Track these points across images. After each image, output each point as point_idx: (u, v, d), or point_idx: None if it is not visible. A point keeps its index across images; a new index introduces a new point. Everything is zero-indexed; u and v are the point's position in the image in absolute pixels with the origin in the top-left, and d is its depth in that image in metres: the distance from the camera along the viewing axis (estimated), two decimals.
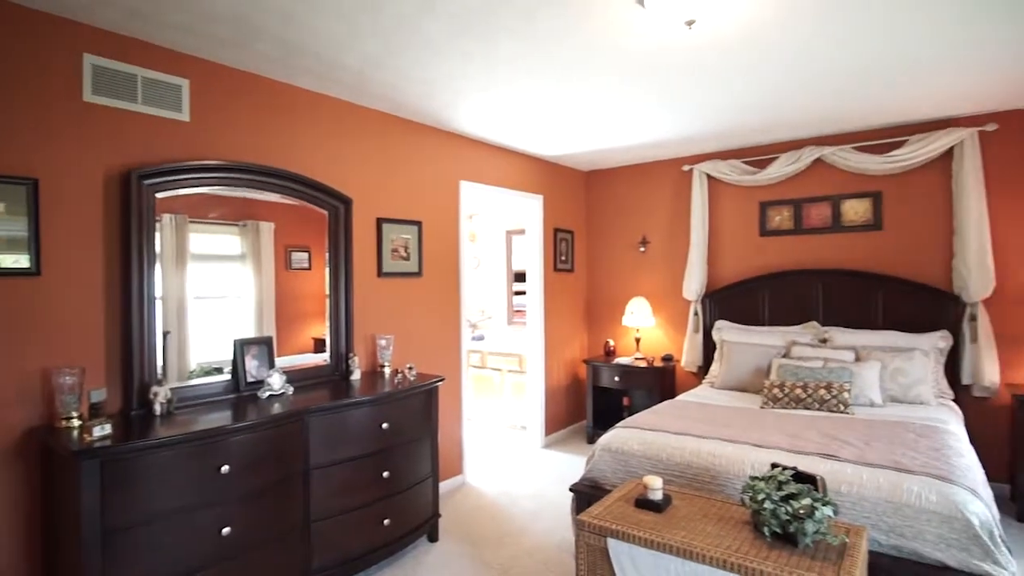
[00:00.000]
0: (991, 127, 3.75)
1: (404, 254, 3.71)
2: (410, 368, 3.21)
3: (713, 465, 2.65)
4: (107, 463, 1.91)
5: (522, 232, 6.05)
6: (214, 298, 2.78)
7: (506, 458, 4.77)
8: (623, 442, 2.96)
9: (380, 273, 3.56)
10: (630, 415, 5.21)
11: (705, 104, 3.57)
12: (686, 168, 4.95)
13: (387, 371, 3.37)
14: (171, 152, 2.58)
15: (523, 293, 5.87)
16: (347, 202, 3.25)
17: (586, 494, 2.95)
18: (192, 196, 2.65)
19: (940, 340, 3.79)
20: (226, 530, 2.19)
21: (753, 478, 2.15)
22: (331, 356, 3.20)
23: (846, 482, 2.34)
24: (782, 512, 1.95)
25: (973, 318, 3.79)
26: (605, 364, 4.98)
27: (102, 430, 1.99)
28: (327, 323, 3.22)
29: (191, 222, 2.68)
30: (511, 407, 5.61)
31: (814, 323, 4.28)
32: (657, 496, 2.31)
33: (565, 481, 4.13)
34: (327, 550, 2.61)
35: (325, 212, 3.19)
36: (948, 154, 3.90)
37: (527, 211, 5.10)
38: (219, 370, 2.76)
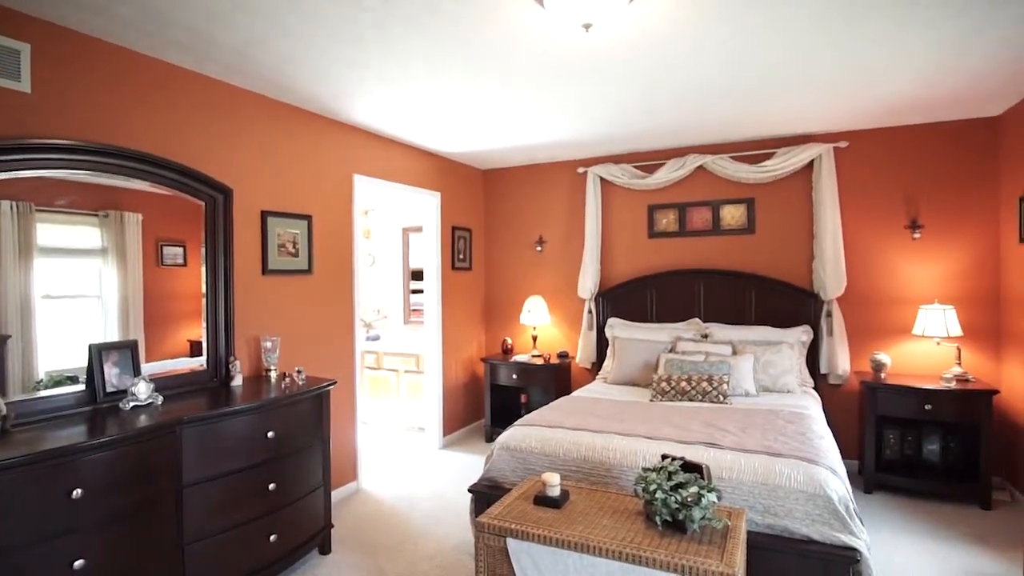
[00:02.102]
0: (843, 144, 4.21)
1: (292, 250, 3.48)
2: (299, 372, 3.01)
3: (608, 459, 2.73)
4: None
5: (419, 229, 5.93)
6: (69, 297, 2.45)
7: (403, 461, 4.65)
8: (521, 440, 2.98)
9: (265, 270, 3.31)
10: (528, 412, 5.29)
11: (600, 108, 3.68)
12: (581, 170, 5.10)
13: (273, 375, 3.14)
14: (6, 127, 2.21)
15: (420, 292, 5.74)
16: (226, 192, 2.98)
17: (485, 494, 2.93)
18: (37, 180, 2.30)
19: (803, 334, 4.19)
20: (79, 563, 1.91)
21: (645, 469, 2.23)
22: (209, 361, 2.93)
23: (727, 468, 2.50)
24: (672, 501, 2.04)
25: (829, 314, 4.23)
26: (503, 362, 5.00)
27: None
28: (204, 325, 2.93)
29: (38, 210, 2.33)
30: (408, 408, 5.48)
31: (696, 319, 4.57)
32: (555, 492, 2.34)
33: (464, 481, 4.09)
34: (205, 573, 2.37)
35: (201, 203, 2.91)
36: (810, 167, 4.32)
37: (424, 208, 5.00)
38: (74, 379, 2.42)
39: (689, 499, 2.03)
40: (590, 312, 5.01)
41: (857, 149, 4.21)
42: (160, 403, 2.48)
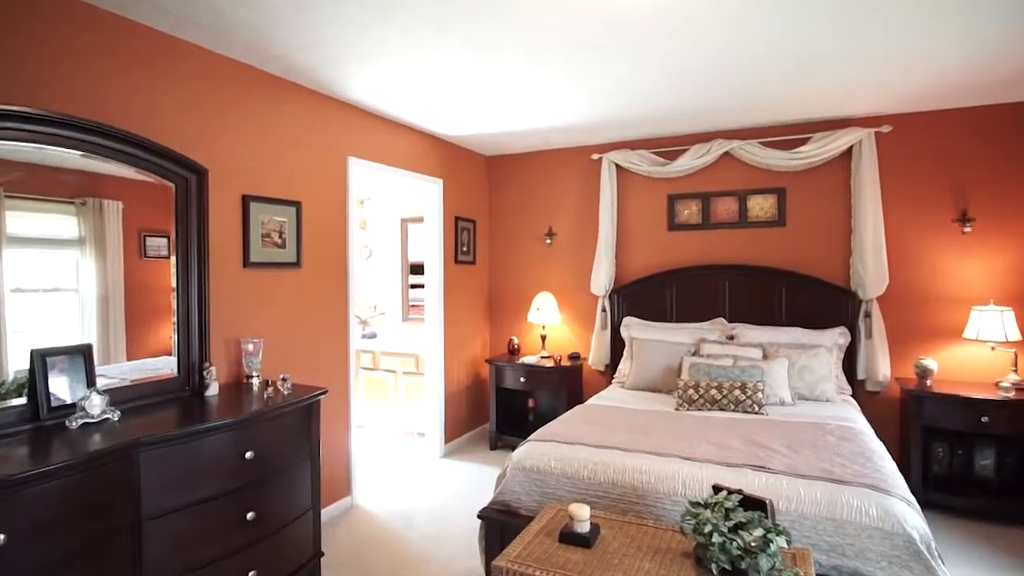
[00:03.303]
0: (886, 128, 3.83)
1: (279, 240, 3.09)
2: (283, 379, 2.63)
3: (641, 483, 2.37)
4: None
5: (419, 220, 5.54)
6: (43, 291, 2.17)
7: (402, 471, 4.28)
8: (538, 459, 2.61)
9: (247, 263, 2.92)
10: (536, 417, 4.93)
11: (617, 85, 3.30)
12: (595, 157, 4.71)
13: (255, 383, 2.76)
14: None
15: (420, 287, 5.37)
16: (200, 172, 2.59)
17: (497, 521, 2.56)
18: None
19: (840, 337, 3.83)
20: None
21: (695, 504, 1.87)
22: (180, 367, 2.54)
23: (784, 498, 2.14)
24: (733, 547, 1.68)
25: (868, 315, 3.87)
26: (509, 364, 4.63)
27: None
28: (175, 326, 2.55)
29: (7, 196, 2.04)
30: (407, 412, 5.10)
31: (721, 319, 4.20)
32: (584, 528, 1.98)
33: (468, 495, 3.74)
34: None
35: (171, 185, 2.52)
36: (848, 153, 3.95)
37: (425, 196, 4.61)
38: None
39: (754, 544, 1.67)
40: (604, 310, 4.64)
41: (901, 134, 3.83)
42: (117, 419, 2.10)
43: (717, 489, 1.93)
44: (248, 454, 2.26)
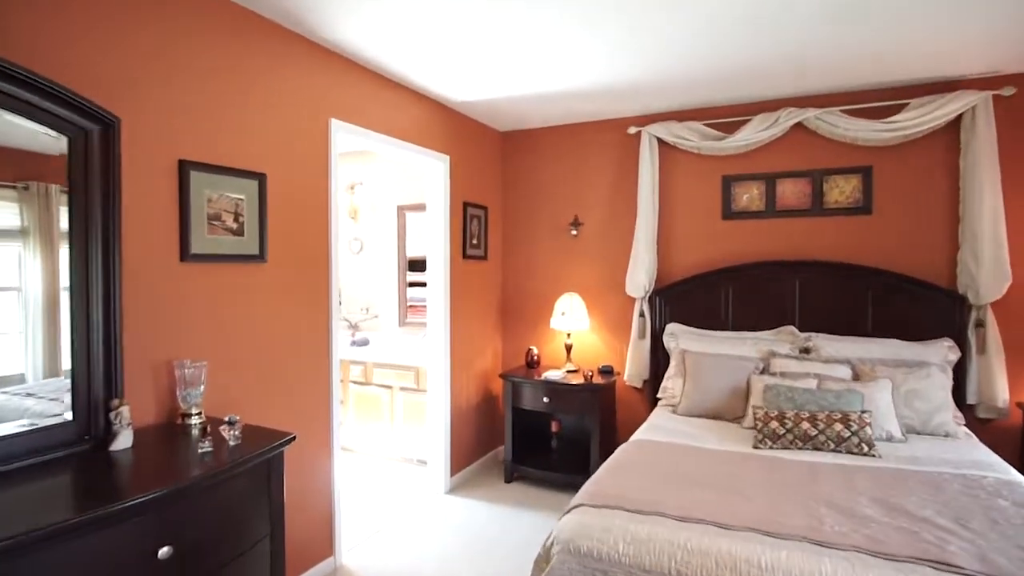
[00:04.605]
0: (1008, 91, 3.06)
1: (233, 225, 2.28)
2: (230, 422, 1.82)
3: None
4: None
5: (420, 208, 4.72)
6: None
7: (400, 512, 3.48)
8: (600, 538, 1.82)
9: (186, 255, 2.11)
10: (560, 443, 4.15)
11: (651, 33, 2.52)
12: (632, 130, 3.92)
13: (195, 424, 1.96)
14: None
15: (421, 285, 4.57)
16: (107, 123, 1.77)
17: None
18: None
19: (949, 351, 3.06)
20: None
21: None
22: (76, 407, 1.74)
23: None
24: None
25: (980, 324, 3.11)
26: (528, 380, 3.83)
27: None
28: (69, 345, 1.75)
29: None
30: (405, 436, 4.29)
31: (791, 328, 3.42)
32: None
33: (482, 551, 2.96)
34: None
35: (63, 139, 1.71)
36: (953, 125, 3.18)
37: (428, 176, 3.81)
38: None
39: None
40: (642, 315, 3.86)
41: None
42: None
43: None
44: (162, 551, 1.45)
